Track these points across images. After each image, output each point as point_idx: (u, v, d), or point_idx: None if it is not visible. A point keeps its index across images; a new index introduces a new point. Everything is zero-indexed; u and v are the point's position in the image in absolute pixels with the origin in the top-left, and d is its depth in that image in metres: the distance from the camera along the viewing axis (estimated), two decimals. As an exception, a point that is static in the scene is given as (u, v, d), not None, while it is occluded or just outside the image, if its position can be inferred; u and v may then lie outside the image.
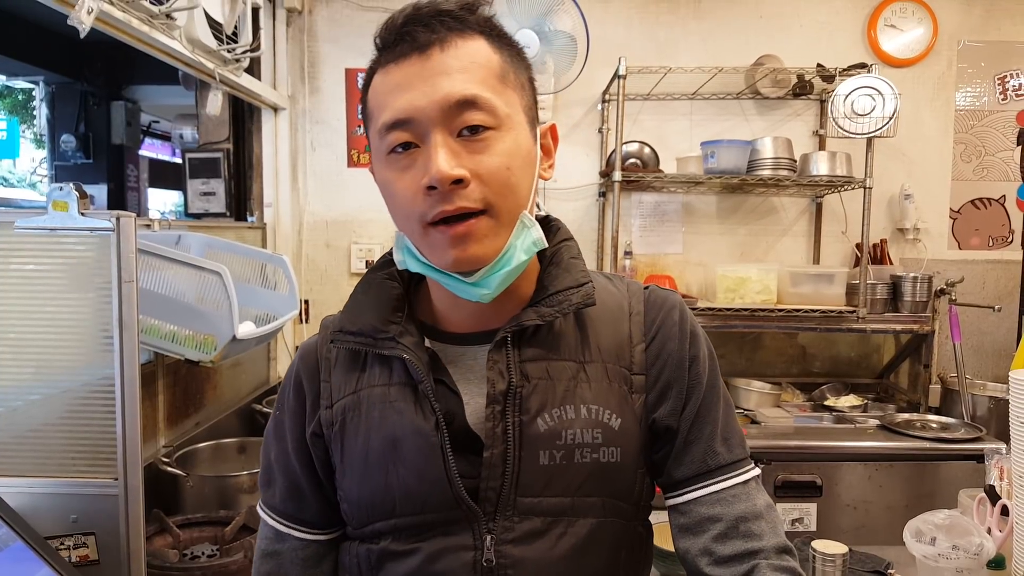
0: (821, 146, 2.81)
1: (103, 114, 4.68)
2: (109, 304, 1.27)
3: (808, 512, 2.18)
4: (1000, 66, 2.85)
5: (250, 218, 2.79)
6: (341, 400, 0.83)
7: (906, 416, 2.42)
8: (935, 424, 2.36)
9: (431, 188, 0.70)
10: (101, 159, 4.71)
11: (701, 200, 2.88)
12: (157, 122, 5.69)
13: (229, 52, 2.12)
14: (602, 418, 0.78)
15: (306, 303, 2.84)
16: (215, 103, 2.18)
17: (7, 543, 1.14)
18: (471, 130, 0.72)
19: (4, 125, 4.65)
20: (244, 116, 2.76)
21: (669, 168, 2.70)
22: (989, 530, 1.30)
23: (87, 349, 1.32)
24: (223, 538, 1.64)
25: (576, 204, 2.88)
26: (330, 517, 0.87)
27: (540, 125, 0.82)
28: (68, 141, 4.59)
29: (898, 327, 2.58)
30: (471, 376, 0.80)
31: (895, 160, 2.82)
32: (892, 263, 2.79)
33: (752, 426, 2.40)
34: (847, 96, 2.37)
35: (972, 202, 2.89)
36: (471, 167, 0.71)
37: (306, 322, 2.84)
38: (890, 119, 2.36)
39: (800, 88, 2.75)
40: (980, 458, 2.14)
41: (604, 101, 2.80)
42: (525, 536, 0.76)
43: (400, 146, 0.73)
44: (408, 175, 0.73)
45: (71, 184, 1.24)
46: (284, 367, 2.80)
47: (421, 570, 0.77)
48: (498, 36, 0.77)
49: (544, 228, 0.85)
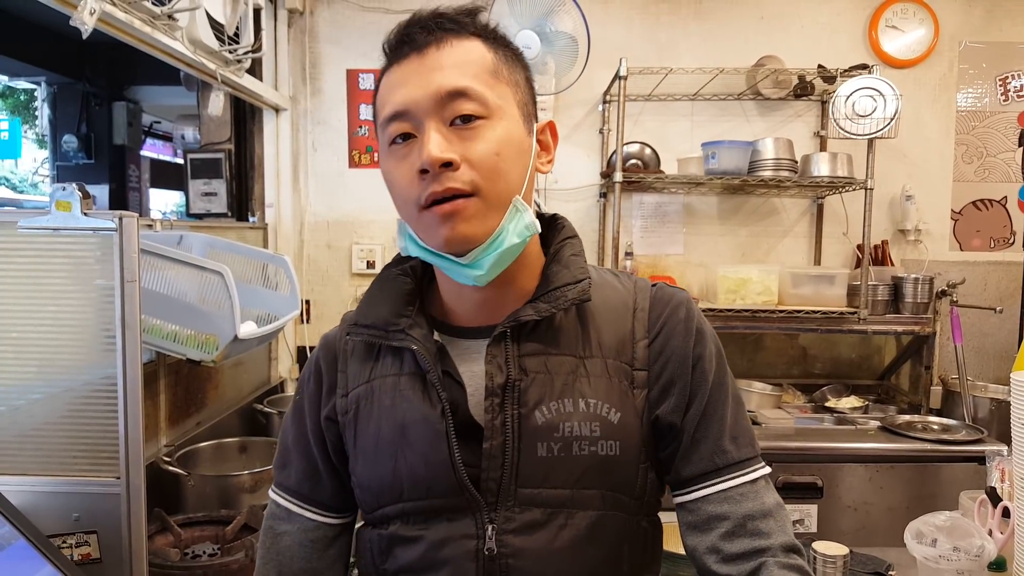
0: (822, 147, 2.80)
1: (105, 115, 4.70)
2: (111, 304, 1.27)
3: (809, 513, 2.18)
4: (1001, 67, 2.85)
5: (251, 218, 2.79)
6: (356, 389, 0.87)
7: (907, 418, 2.41)
8: (936, 426, 2.36)
9: (423, 172, 0.75)
10: (103, 159, 4.73)
11: (702, 201, 2.89)
12: (159, 122, 5.71)
13: (231, 53, 2.12)
14: (601, 412, 0.79)
15: (307, 303, 2.84)
16: (216, 104, 2.19)
17: (10, 541, 1.14)
18: (463, 119, 0.76)
19: (6, 125, 4.66)
20: (246, 117, 2.76)
21: (670, 169, 2.70)
22: (990, 532, 1.30)
23: (89, 348, 1.33)
24: (224, 537, 1.65)
25: (577, 205, 2.88)
26: (343, 500, 0.92)
27: (538, 123, 0.85)
28: (70, 141, 4.60)
29: (899, 328, 2.58)
30: (475, 368, 0.82)
31: (896, 161, 2.82)
32: (893, 264, 2.79)
33: (753, 427, 2.39)
34: (848, 97, 2.37)
35: (973, 203, 2.89)
36: (461, 152, 0.75)
37: (307, 322, 2.84)
38: (891, 120, 2.36)
39: (801, 89, 2.75)
40: (981, 460, 2.14)
41: (605, 102, 2.80)
42: (526, 526, 0.78)
43: (399, 137, 0.78)
44: (406, 163, 0.77)
45: (74, 184, 1.25)
46: (285, 367, 2.81)
47: (426, 556, 0.80)
48: (494, 38, 0.81)
49: (549, 226, 0.89)
